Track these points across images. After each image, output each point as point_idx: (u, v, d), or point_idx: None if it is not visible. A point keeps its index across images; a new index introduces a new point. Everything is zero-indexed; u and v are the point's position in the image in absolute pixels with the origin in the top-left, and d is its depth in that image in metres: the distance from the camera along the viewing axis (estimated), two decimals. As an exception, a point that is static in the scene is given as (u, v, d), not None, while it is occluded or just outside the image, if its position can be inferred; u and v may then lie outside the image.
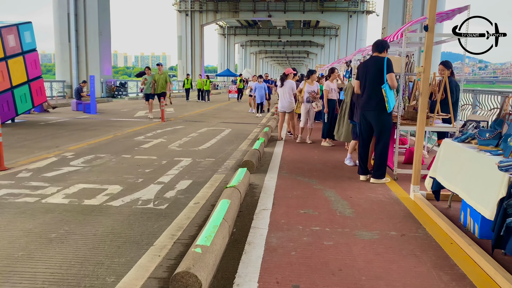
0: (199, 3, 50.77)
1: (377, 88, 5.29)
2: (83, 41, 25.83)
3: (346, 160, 6.79)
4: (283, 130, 9.68)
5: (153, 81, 13.69)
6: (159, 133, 10.08)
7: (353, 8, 49.40)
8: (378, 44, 5.48)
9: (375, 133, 5.54)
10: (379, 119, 5.36)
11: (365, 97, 5.46)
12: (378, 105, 5.32)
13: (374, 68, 5.34)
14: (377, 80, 5.31)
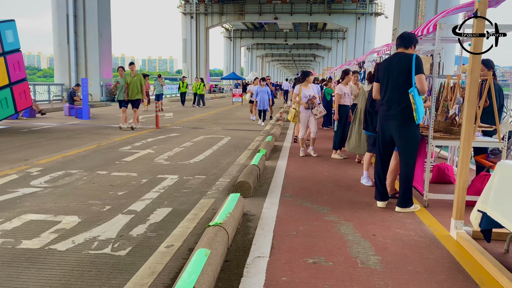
0: (204, 5, 49.94)
1: (403, 93, 4.20)
2: (83, 43, 24.99)
3: (362, 179, 5.67)
4: (286, 137, 8.60)
5: (125, 84, 11.19)
6: (149, 142, 9.04)
7: (361, 10, 48.25)
8: (405, 38, 4.38)
9: (397, 148, 4.43)
10: (404, 132, 4.25)
11: (386, 104, 4.36)
12: (403, 113, 4.22)
13: (399, 67, 4.24)
14: (402, 82, 4.21)
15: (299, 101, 7.36)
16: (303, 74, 7.60)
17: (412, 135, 4.26)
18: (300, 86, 7.50)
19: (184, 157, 7.30)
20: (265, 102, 13.40)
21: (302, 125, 7.47)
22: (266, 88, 13.52)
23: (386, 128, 4.41)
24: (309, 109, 7.32)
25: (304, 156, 7.45)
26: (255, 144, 9.22)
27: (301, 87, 7.43)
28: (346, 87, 7.61)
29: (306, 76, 7.54)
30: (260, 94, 13.35)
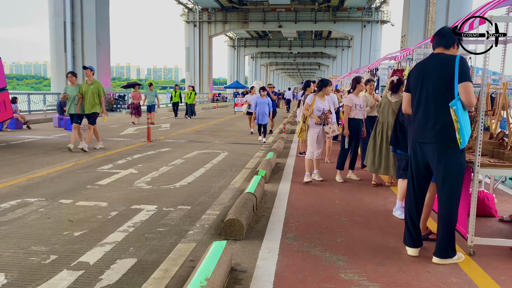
0: (208, 13, 49.34)
1: (442, 107, 3.16)
2: (80, 51, 24.22)
3: (395, 211, 4.62)
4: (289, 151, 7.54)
5: (78, 95, 8.91)
6: (134, 159, 8.01)
7: (367, 17, 47.40)
8: (445, 35, 3.33)
9: (435, 179, 3.37)
10: (444, 159, 3.19)
11: (420, 121, 3.32)
12: (442, 134, 3.17)
13: (437, 73, 3.21)
14: (441, 93, 3.18)
15: (310, 114, 6.11)
16: (320, 83, 6.26)
17: (456, 163, 3.19)
18: (314, 96, 6.19)
19: (170, 179, 6.26)
20: (265, 115, 11.34)
21: (309, 142, 6.19)
22: (267, 99, 11.49)
23: (420, 153, 3.35)
24: (320, 125, 6.11)
25: (310, 178, 6.36)
26: (255, 161, 8.18)
27: (315, 98, 6.16)
28: (358, 97, 6.52)
29: (324, 85, 6.17)
30: (259, 106, 11.31)
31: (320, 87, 6.24)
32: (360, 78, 6.65)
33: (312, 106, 6.11)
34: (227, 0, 46.30)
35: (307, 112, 6.13)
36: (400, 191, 4.58)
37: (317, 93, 6.24)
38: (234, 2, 47.14)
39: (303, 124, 6.18)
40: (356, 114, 6.47)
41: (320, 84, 6.29)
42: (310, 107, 6.12)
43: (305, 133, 6.17)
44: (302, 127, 6.19)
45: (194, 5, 48.65)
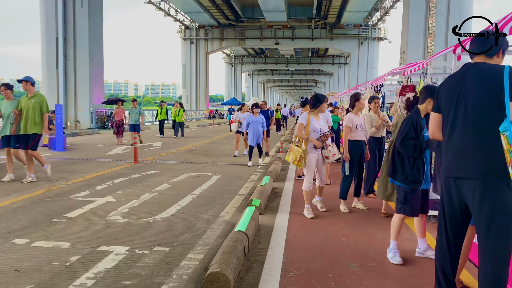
0: (204, 30, 49.19)
1: (486, 131, 2.43)
2: (72, 67, 23.65)
3: (388, 253, 3.85)
4: (287, 172, 6.77)
5: (15, 111, 7.25)
6: (116, 184, 7.23)
7: (364, 35, 47.35)
8: (487, 41, 2.63)
9: (476, 225, 2.59)
10: (489, 198, 2.41)
11: (455, 149, 2.57)
12: (487, 167, 2.42)
13: (479, 87, 2.49)
14: (485, 113, 2.45)
15: (307, 138, 5.20)
16: (315, 99, 5.31)
17: (506, 205, 2.43)
18: (308, 114, 5.27)
19: (151, 210, 5.47)
20: (259, 136, 9.92)
21: (308, 170, 5.27)
22: (260, 117, 10.03)
23: (455, 192, 2.60)
24: (318, 149, 5.25)
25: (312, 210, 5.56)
26: (250, 185, 7.40)
27: (310, 117, 5.26)
28: (358, 116, 5.72)
29: (319, 102, 5.29)
30: (252, 126, 9.85)
31: (315, 104, 5.34)
32: (359, 95, 5.83)
33: (308, 127, 5.22)
34: (224, 17, 46.20)
35: (303, 135, 5.23)
36: (393, 229, 3.84)
37: (312, 111, 5.36)
38: (231, 19, 47.04)
39: (300, 150, 5.19)
40: (357, 136, 5.62)
41: (314, 101, 5.35)
42: (305, 128, 5.23)
43: (304, 161, 5.22)
44: (301, 154, 5.18)
45: (191, 22, 48.54)
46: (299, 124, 5.29)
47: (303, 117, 5.34)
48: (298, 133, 5.29)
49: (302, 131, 5.24)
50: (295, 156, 5.23)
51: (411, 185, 3.68)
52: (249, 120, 10.08)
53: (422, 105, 3.73)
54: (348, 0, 37.99)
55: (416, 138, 3.62)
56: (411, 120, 3.66)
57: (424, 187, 3.77)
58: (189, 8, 42.06)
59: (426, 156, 3.71)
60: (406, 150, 3.62)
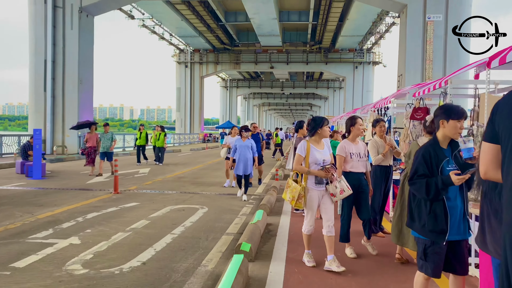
0: (199, 54, 49.08)
1: None
2: (61, 90, 22.92)
3: None
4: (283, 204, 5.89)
5: None
6: (87, 220, 6.31)
7: (359, 59, 47.40)
8: None
9: None
10: None
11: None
12: None
13: None
14: None
15: (308, 171, 4.20)
16: (313, 123, 4.32)
17: None
18: (308, 143, 4.28)
19: (120, 256, 4.56)
20: (248, 164, 8.47)
21: (309, 211, 4.30)
22: (249, 141, 8.65)
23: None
24: (322, 184, 4.26)
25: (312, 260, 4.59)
26: (240, 221, 6.52)
27: (310, 146, 4.26)
28: (354, 144, 4.82)
29: (319, 125, 4.28)
30: (240, 151, 8.44)
31: (314, 129, 4.31)
32: (355, 119, 4.88)
33: (308, 159, 4.21)
34: (219, 42, 46.17)
35: (302, 168, 4.22)
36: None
37: (311, 138, 4.36)
38: (226, 43, 47.03)
39: (299, 187, 4.19)
40: (352, 167, 4.72)
41: (313, 125, 4.33)
42: (305, 160, 4.23)
43: (303, 201, 4.20)
44: (300, 192, 4.16)
45: (186, 46, 48.46)
46: (297, 156, 4.29)
47: (301, 147, 4.30)
48: (296, 166, 4.28)
49: (301, 163, 4.24)
50: (292, 195, 4.22)
51: (430, 236, 2.80)
52: (236, 145, 8.62)
53: (439, 131, 2.90)
54: (342, 25, 38.05)
55: (431, 175, 2.77)
56: (421, 153, 2.83)
57: (455, 238, 2.87)
58: (183, 32, 41.97)
59: (456, 197, 2.85)
60: (418, 191, 2.80)
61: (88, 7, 22.89)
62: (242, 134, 8.77)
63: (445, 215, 2.74)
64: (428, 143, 2.86)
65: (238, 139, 8.79)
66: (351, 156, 4.71)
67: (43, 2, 22.16)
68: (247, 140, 8.67)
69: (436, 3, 21.37)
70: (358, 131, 4.83)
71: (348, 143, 4.81)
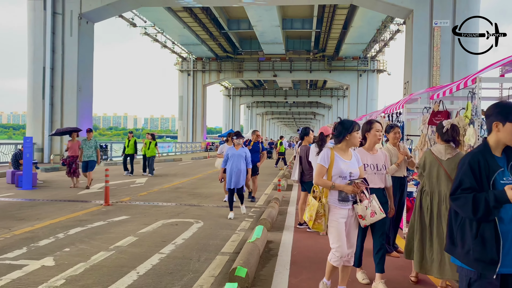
0: (202, 62, 48.79)
1: None
2: (59, 98, 22.50)
3: None
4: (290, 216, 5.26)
5: None
6: (68, 237, 5.71)
7: (363, 67, 46.94)
8: None
9: None
10: None
11: None
12: None
13: None
14: None
15: (332, 185, 3.34)
16: (340, 127, 3.47)
17: None
18: (331, 151, 3.45)
19: (97, 282, 3.94)
20: (240, 176, 7.26)
21: (336, 236, 3.36)
22: (243, 150, 7.42)
23: None
24: (348, 202, 3.40)
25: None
26: (238, 237, 5.89)
27: (334, 154, 3.43)
28: (372, 153, 4.02)
29: (348, 131, 3.43)
30: (232, 161, 7.26)
31: (341, 135, 3.43)
32: (372, 123, 4.09)
33: (330, 171, 3.38)
34: (222, 50, 45.90)
35: (324, 182, 3.36)
36: None
37: (336, 146, 3.51)
38: (229, 51, 46.76)
39: (317, 204, 3.35)
40: (374, 181, 3.90)
41: (340, 130, 3.45)
42: (327, 172, 3.39)
43: (324, 222, 3.35)
44: (317, 209, 3.33)
45: (188, 54, 48.22)
46: (319, 167, 3.40)
47: (324, 156, 3.41)
48: (318, 179, 3.39)
49: (323, 175, 3.39)
50: (310, 213, 3.37)
51: (476, 267, 2.15)
52: (227, 153, 7.44)
53: (491, 135, 2.27)
54: (346, 32, 37.63)
55: (479, 189, 2.14)
56: (468, 161, 2.20)
57: (509, 272, 2.23)
58: (186, 40, 41.70)
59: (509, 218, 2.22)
60: (462, 208, 2.15)
61: (88, 13, 22.55)
62: (233, 141, 7.61)
63: (497, 241, 2.08)
64: (477, 149, 2.23)
65: (230, 147, 7.68)
66: (365, 168, 3.87)
67: (42, 9, 21.85)
68: (241, 148, 7.47)
69: (443, 9, 20.87)
70: (374, 137, 4.00)
71: (364, 153, 3.98)
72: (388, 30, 38.25)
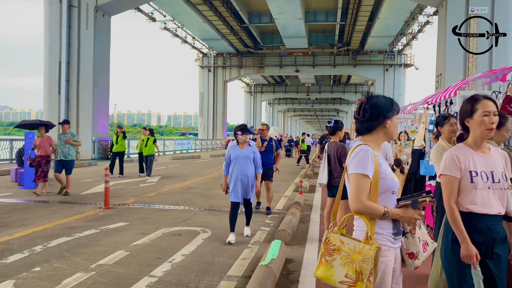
0: (223, 58, 47.91)
1: None
2: (75, 93, 21.95)
3: None
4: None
5: None
6: (47, 250, 4.76)
7: (389, 61, 44.98)
8: None
9: None
10: None
11: None
12: None
13: None
14: None
15: (386, 212, 1.95)
16: (375, 107, 2.07)
17: None
18: (373, 150, 2.05)
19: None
20: (249, 184, 5.49)
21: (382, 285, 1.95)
22: (251, 150, 5.55)
23: None
24: (400, 236, 2.05)
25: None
26: (250, 254, 4.81)
27: (376, 156, 2.04)
28: (480, 153, 2.33)
29: (388, 111, 2.09)
30: (235, 164, 5.48)
31: (377, 119, 2.09)
32: (477, 100, 2.33)
33: (376, 184, 2.00)
34: (243, 45, 44.90)
35: (373, 208, 1.97)
36: None
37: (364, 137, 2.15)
38: (250, 46, 45.70)
39: (366, 247, 1.90)
40: (479, 202, 2.24)
41: (373, 111, 2.09)
42: (374, 185, 2.00)
43: (374, 276, 1.86)
44: (373, 258, 1.87)
45: (209, 49, 47.44)
46: (359, 179, 2.00)
47: (363, 160, 2.02)
48: (362, 202, 1.97)
49: (367, 195, 2.00)
50: (355, 269, 1.89)
51: None
52: (229, 154, 5.55)
53: None
54: (372, 25, 35.90)
55: None
56: None
57: None
58: (206, 35, 40.85)
59: None
60: None
61: (104, 6, 21.90)
62: (237, 137, 5.59)
63: None
64: None
65: (234, 146, 5.63)
66: (472, 179, 2.27)
67: (58, 2, 21.32)
68: (247, 147, 5.55)
69: (480, -6, 19.18)
70: (483, 126, 2.29)
71: (468, 152, 2.34)
72: (416, 22, 36.34)
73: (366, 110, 2.12)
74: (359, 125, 2.18)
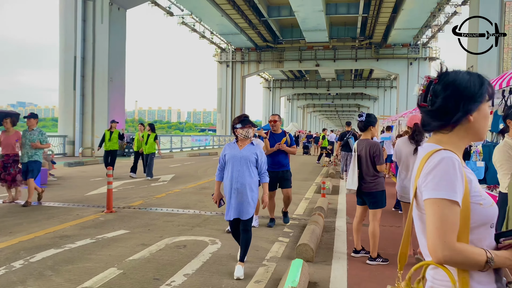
0: (241, 53, 47.10)
1: None
2: (90, 88, 21.54)
3: None
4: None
5: None
6: (27, 266, 4.07)
7: (414, 54, 43.22)
8: None
9: None
10: None
11: None
12: None
13: None
14: None
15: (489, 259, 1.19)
16: (457, 91, 1.26)
17: None
18: (460, 163, 1.24)
19: None
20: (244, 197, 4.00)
21: None
22: (251, 150, 4.09)
23: None
24: None
25: None
26: (266, 274, 4.01)
27: (463, 167, 1.27)
28: None
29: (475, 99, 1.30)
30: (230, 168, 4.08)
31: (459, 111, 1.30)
32: None
33: (468, 213, 1.21)
34: (261, 39, 43.95)
35: (468, 252, 1.18)
36: None
37: (434, 136, 1.37)
38: (269, 41, 44.71)
39: None
40: None
41: (453, 99, 1.29)
42: (463, 214, 1.21)
43: None
44: None
45: (227, 44, 46.72)
46: (443, 206, 1.19)
47: (448, 172, 1.22)
48: (449, 244, 1.17)
49: (456, 233, 1.19)
50: None
51: None
52: (224, 154, 4.21)
53: None
54: (396, 16, 34.40)
55: None
56: None
57: None
58: (224, 29, 40.10)
59: None
60: None
61: (119, -1, 21.40)
62: (235, 132, 4.20)
63: None
64: None
65: (230, 144, 4.29)
66: None
67: (73, -5, 20.93)
68: (249, 146, 4.14)
69: (518, -21, 17.77)
70: None
71: None
72: (443, 13, 34.66)
73: (437, 93, 1.33)
74: (426, 118, 1.38)
